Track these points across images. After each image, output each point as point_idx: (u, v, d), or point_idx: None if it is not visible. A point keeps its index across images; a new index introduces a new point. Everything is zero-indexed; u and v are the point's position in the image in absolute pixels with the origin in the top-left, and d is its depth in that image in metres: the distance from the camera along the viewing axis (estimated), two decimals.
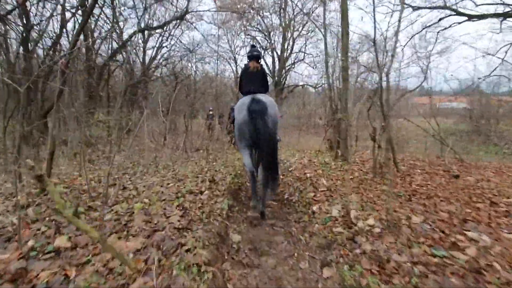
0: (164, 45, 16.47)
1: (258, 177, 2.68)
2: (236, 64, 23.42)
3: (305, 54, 20.44)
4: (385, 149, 3.61)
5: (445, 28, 8.02)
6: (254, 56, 3.00)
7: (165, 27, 16.51)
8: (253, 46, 3.33)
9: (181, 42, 18.32)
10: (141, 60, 17.35)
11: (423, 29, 7.96)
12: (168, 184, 3.19)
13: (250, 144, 2.57)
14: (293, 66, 21.08)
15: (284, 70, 20.25)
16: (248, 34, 18.49)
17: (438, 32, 7.67)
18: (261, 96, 2.62)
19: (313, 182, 3.46)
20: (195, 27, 18.76)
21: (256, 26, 19.96)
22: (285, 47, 19.83)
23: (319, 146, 8.83)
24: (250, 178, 2.61)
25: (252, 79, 2.93)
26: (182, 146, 6.19)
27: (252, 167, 2.57)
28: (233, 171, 4.45)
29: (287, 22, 19.49)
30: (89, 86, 9.36)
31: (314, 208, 2.58)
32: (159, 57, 17.43)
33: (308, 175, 3.86)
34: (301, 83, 21.97)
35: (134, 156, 5.99)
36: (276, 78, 20.75)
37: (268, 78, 3.18)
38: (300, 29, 19.61)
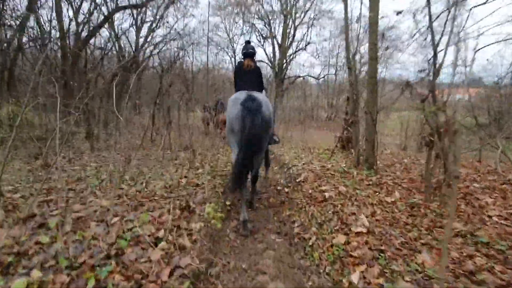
0: (158, 33, 15.36)
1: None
2: (234, 54, 22.04)
3: (308, 43, 19.05)
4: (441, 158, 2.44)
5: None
6: (249, 54, 2.96)
7: (157, 15, 15.20)
8: (248, 43, 3.12)
9: (175, 30, 17.13)
10: (133, 49, 16.13)
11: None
12: (115, 215, 2.03)
13: (239, 141, 2.39)
14: (294, 55, 19.67)
15: (285, 60, 18.84)
16: (247, 21, 17.01)
17: (470, 9, 6.36)
18: (257, 94, 2.53)
19: (337, 210, 2.31)
20: (191, 14, 17.45)
21: (255, 12, 18.52)
22: (286, 35, 18.38)
23: (327, 144, 7.67)
24: (232, 172, 2.37)
25: (247, 78, 2.88)
26: (162, 144, 5.01)
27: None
28: (222, 184, 3.30)
29: (289, 8, 18.02)
30: (63, 74, 8.11)
31: (353, 277, 1.43)
32: (151, 46, 16.22)
33: (326, 194, 2.70)
34: (302, 74, 20.63)
35: (110, 158, 4.83)
36: (277, 68, 19.40)
37: (263, 76, 3.10)
38: (302, 15, 18.17)
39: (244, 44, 3.11)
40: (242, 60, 3.00)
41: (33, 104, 3.39)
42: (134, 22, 15.36)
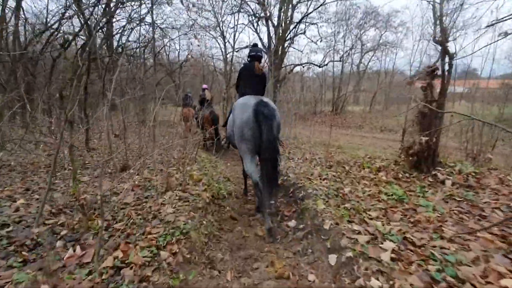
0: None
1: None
2: (224, 41, 19.58)
3: (308, 24, 16.73)
4: None
5: None
6: (258, 57, 2.95)
7: None
8: (255, 45, 3.09)
9: (151, 12, 14.72)
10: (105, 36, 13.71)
11: None
12: None
13: (252, 149, 2.34)
14: (292, 41, 17.33)
15: (281, 46, 16.50)
16: None
17: None
18: (267, 99, 2.50)
19: None
20: None
21: None
22: (283, 15, 16.02)
23: (364, 151, 5.59)
24: (256, 190, 2.36)
25: (254, 81, 2.85)
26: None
27: (257, 176, 2.30)
28: None
29: None
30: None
31: None
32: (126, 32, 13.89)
33: None
34: (302, 62, 18.35)
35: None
36: (272, 55, 17.09)
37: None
38: None
39: (251, 47, 3.06)
40: (248, 61, 2.98)
41: None
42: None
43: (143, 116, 9.99)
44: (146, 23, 13.57)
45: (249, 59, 2.99)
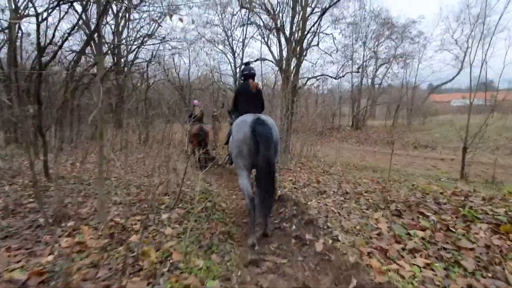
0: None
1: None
2: (234, 56, 18.79)
3: (321, 35, 15.61)
4: None
5: None
6: (252, 75, 3.01)
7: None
8: (247, 64, 3.17)
9: (160, 25, 14.26)
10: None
11: None
12: None
13: (248, 165, 2.37)
14: (305, 52, 16.20)
15: (297, 58, 15.37)
16: (246, 7, 13.76)
17: None
18: (264, 117, 2.48)
19: None
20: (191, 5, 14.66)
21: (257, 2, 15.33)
22: (295, 26, 15.02)
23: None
24: (249, 206, 2.24)
25: (250, 99, 2.91)
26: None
27: (251, 192, 2.30)
28: None
29: None
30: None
31: None
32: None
33: None
34: (316, 74, 17.08)
35: None
36: (284, 69, 15.93)
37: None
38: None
39: (244, 65, 3.14)
40: (243, 81, 3.04)
41: None
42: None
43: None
44: (155, 39, 13.14)
45: (243, 78, 3.05)
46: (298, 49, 14.81)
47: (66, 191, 2.67)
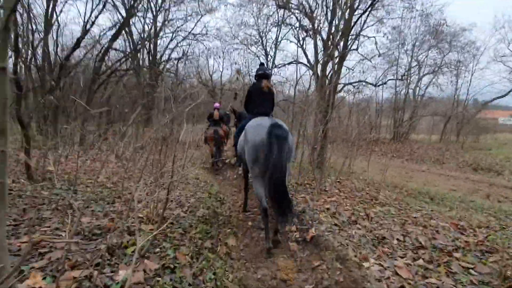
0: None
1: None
2: (267, 58, 18.19)
3: (362, 38, 14.33)
4: None
5: None
6: (266, 75, 3.02)
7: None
8: (262, 64, 3.27)
9: (193, 35, 14.56)
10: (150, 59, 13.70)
11: None
12: None
13: (264, 172, 2.24)
14: (344, 55, 14.96)
15: (336, 63, 14.26)
16: (283, 7, 13.07)
17: None
18: (279, 121, 2.49)
19: None
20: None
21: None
22: (333, 27, 13.95)
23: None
24: (263, 216, 2.28)
25: (263, 99, 2.95)
26: None
27: (266, 204, 2.28)
28: None
29: None
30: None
31: None
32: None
33: None
34: (353, 81, 15.73)
35: None
36: (320, 74, 14.88)
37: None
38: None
39: (259, 66, 3.21)
40: (256, 80, 3.08)
41: None
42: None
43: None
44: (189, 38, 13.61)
45: (256, 78, 3.07)
46: (336, 52, 13.67)
47: (39, 200, 2.11)
